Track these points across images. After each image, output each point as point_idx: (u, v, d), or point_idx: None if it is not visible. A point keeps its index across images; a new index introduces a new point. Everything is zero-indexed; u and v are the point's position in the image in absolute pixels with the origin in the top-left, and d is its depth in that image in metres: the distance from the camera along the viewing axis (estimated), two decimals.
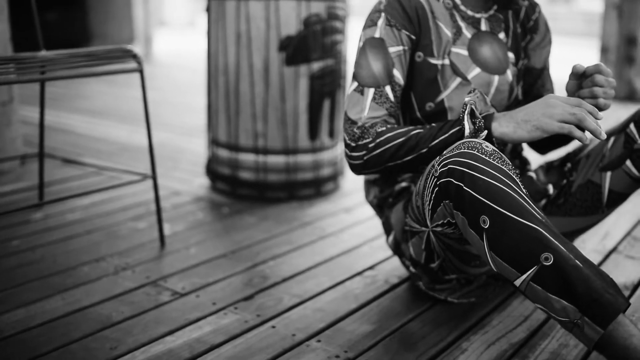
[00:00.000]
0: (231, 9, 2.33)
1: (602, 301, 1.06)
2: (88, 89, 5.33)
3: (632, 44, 5.22)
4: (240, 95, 2.36)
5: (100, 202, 2.36)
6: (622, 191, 1.53)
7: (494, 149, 1.21)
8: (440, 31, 1.50)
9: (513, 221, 1.11)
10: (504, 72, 1.55)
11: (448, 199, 1.20)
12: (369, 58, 1.45)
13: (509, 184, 1.15)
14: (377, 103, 1.43)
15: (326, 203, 2.42)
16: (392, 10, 1.47)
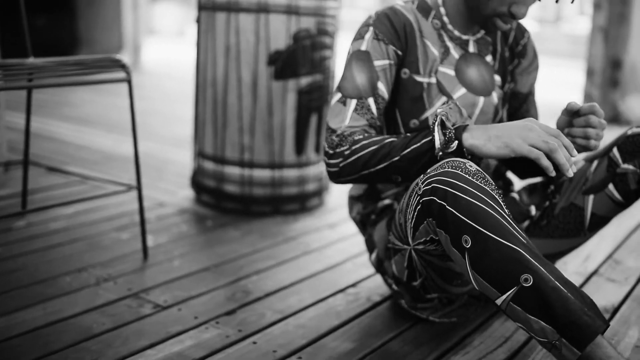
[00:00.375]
0: (221, 21, 2.33)
1: (580, 323, 1.07)
2: (75, 96, 5.31)
3: (617, 67, 5.28)
4: (228, 108, 2.36)
5: (83, 211, 2.34)
6: (605, 215, 1.55)
7: (477, 169, 1.22)
8: (428, 50, 1.51)
9: (494, 242, 1.12)
10: (489, 94, 1.56)
11: (431, 217, 1.21)
12: (353, 70, 1.47)
13: (491, 204, 1.16)
14: (359, 114, 1.44)
15: (311, 218, 2.42)
16: (381, 25, 1.49)
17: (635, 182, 1.48)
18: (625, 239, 2.34)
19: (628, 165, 1.48)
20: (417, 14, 1.53)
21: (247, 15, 2.28)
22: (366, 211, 1.67)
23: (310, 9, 2.31)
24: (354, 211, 1.71)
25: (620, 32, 5.25)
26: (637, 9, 5.23)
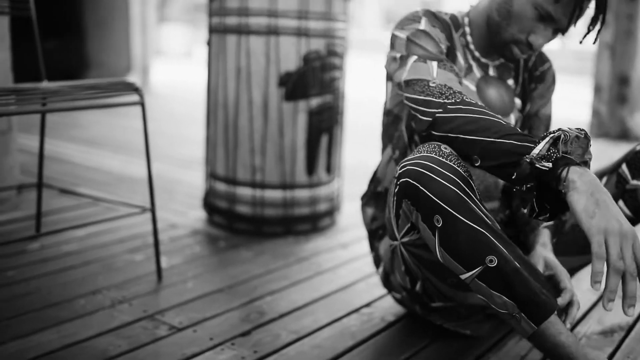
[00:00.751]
0: (232, 43, 2.35)
1: (538, 301, 1.18)
2: (84, 118, 5.35)
3: (624, 84, 5.29)
4: (239, 129, 2.38)
5: (96, 233, 2.35)
6: None
7: (451, 151, 1.27)
8: (456, 60, 1.54)
9: (463, 224, 1.19)
10: (508, 115, 1.58)
11: (406, 198, 1.25)
12: (421, 42, 1.44)
13: (463, 187, 1.21)
14: (444, 69, 1.39)
15: (323, 238, 2.43)
16: (432, 18, 1.50)
17: None
18: None
19: (637, 181, 1.48)
20: (451, 25, 1.55)
21: (258, 38, 2.30)
22: (375, 225, 1.68)
23: (319, 31, 2.33)
24: (365, 216, 1.72)
25: (627, 49, 5.26)
26: None
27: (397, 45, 1.49)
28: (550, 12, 1.41)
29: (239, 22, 2.32)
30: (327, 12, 2.33)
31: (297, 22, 2.29)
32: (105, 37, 7.89)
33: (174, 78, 9.85)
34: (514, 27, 1.45)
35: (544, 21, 1.43)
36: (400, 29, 1.49)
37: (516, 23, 1.45)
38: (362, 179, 3.45)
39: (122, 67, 7.79)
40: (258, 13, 2.29)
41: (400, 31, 1.49)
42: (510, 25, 1.45)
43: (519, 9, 1.43)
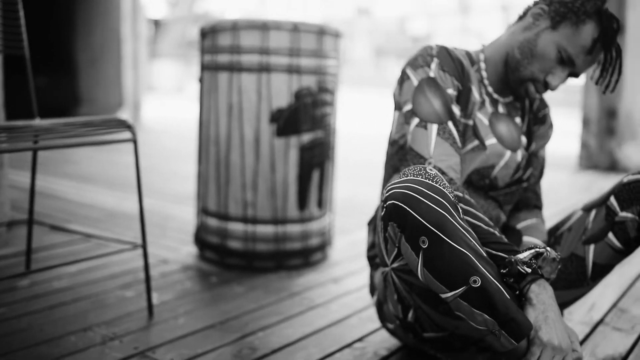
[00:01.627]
0: (224, 80, 2.38)
1: (518, 320, 1.22)
2: (78, 154, 5.36)
3: (612, 117, 5.36)
4: (231, 165, 2.40)
5: (87, 269, 2.35)
6: (606, 263, 1.56)
7: (436, 173, 1.29)
8: (472, 93, 1.57)
9: (449, 246, 1.21)
10: (516, 151, 1.62)
11: (392, 221, 1.26)
12: (427, 95, 1.50)
13: (449, 209, 1.23)
14: (442, 138, 1.46)
15: (314, 273, 2.43)
16: (444, 58, 1.54)
17: (634, 229, 1.50)
18: (629, 287, 2.34)
19: (626, 213, 1.50)
20: (466, 59, 1.60)
21: (249, 75, 2.33)
22: (372, 252, 1.70)
23: (311, 68, 2.36)
24: (368, 239, 1.74)
25: None
26: (629, 59, 5.33)
27: (406, 87, 1.54)
28: (571, 56, 1.50)
29: (230, 60, 2.35)
30: (318, 49, 2.37)
31: (288, 60, 2.33)
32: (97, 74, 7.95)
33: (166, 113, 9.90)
34: (534, 65, 1.53)
35: (564, 64, 1.52)
36: (412, 69, 1.54)
37: (538, 62, 1.52)
38: (354, 212, 3.46)
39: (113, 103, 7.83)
40: (250, 50, 2.32)
41: (412, 72, 1.54)
42: (532, 64, 1.53)
43: (542, 49, 1.51)
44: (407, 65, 1.57)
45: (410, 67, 1.55)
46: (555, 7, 1.52)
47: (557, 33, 1.50)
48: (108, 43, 7.81)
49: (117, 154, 5.35)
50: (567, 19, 1.50)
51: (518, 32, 1.58)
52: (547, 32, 1.52)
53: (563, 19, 1.50)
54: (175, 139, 6.82)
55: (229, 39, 2.34)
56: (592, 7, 1.49)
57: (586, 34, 1.48)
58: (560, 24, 1.50)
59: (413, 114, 1.50)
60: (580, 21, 1.48)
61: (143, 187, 3.79)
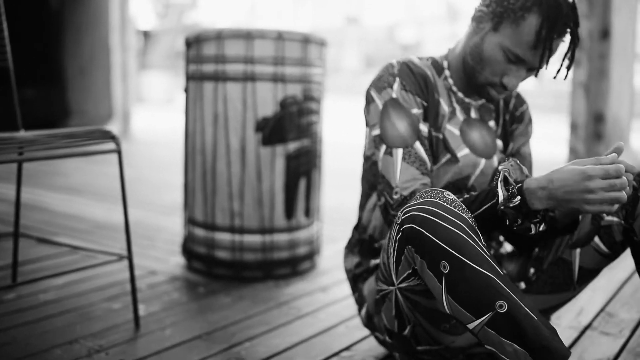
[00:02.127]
0: (209, 90, 2.38)
1: (551, 347, 1.14)
2: (65, 166, 5.34)
3: (599, 121, 5.38)
4: (217, 175, 2.39)
5: (74, 282, 2.33)
6: (593, 267, 1.56)
7: (454, 198, 1.27)
8: (440, 106, 1.56)
9: (471, 269, 1.17)
10: (491, 157, 1.61)
11: (410, 244, 1.24)
12: (392, 118, 1.48)
13: (468, 232, 1.20)
14: (407, 162, 1.46)
15: (302, 282, 2.42)
16: (406, 76, 1.52)
17: (620, 233, 1.50)
18: (617, 291, 2.34)
19: (612, 218, 1.50)
20: (432, 70, 1.58)
21: (235, 84, 2.33)
22: (359, 270, 1.68)
23: (296, 77, 2.36)
24: (348, 262, 1.72)
25: (601, 87, 5.36)
26: (615, 64, 5.36)
27: (373, 110, 1.53)
28: (518, 55, 1.46)
29: (215, 69, 2.35)
30: (303, 57, 2.37)
31: (273, 68, 2.33)
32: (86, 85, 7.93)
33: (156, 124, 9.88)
34: (487, 70, 1.50)
35: (515, 63, 1.48)
36: (376, 91, 1.53)
37: (489, 66, 1.49)
38: (341, 220, 3.46)
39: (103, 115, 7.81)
40: (235, 60, 2.32)
41: (376, 94, 1.53)
42: (484, 69, 1.50)
43: (488, 54, 1.48)
44: (371, 86, 1.55)
45: (374, 89, 1.54)
46: (493, 7, 1.47)
47: (499, 34, 1.46)
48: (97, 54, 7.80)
49: (106, 165, 5.34)
50: (506, 18, 1.44)
51: (469, 37, 1.55)
52: (490, 34, 1.48)
53: (502, 19, 1.45)
54: (164, 149, 6.81)
55: (213, 48, 2.34)
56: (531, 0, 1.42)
57: (528, 28, 1.42)
58: (501, 25, 1.46)
59: (381, 140, 1.50)
60: (519, 18, 1.43)
61: (132, 198, 3.79)
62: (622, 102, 5.55)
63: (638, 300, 2.25)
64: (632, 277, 2.49)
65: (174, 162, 5.67)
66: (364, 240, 1.68)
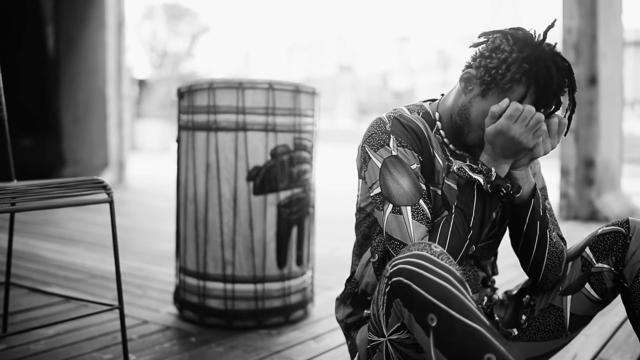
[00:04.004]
0: (201, 140, 2.41)
1: None
2: (58, 215, 5.33)
3: (590, 166, 5.43)
4: (209, 224, 2.40)
5: (65, 332, 2.32)
6: (584, 314, 1.56)
7: (442, 250, 1.28)
8: (436, 160, 1.52)
9: (459, 322, 1.17)
10: None
11: (398, 297, 1.24)
12: (394, 176, 1.46)
13: (456, 284, 1.21)
14: (417, 220, 1.43)
15: (295, 331, 2.41)
16: (399, 132, 1.48)
17: (611, 280, 1.51)
18: (610, 337, 2.34)
19: (602, 264, 1.51)
20: (424, 124, 1.54)
21: (226, 134, 2.36)
22: (351, 319, 1.67)
23: (287, 126, 2.39)
24: (340, 312, 1.71)
25: (590, 133, 5.42)
26: (603, 110, 5.44)
27: (370, 168, 1.50)
28: None
29: (207, 119, 2.38)
30: (294, 107, 2.41)
31: (264, 118, 2.36)
32: (82, 134, 7.98)
33: (151, 173, 9.92)
34: (475, 133, 1.48)
35: None
36: (372, 149, 1.50)
37: (475, 131, 1.47)
38: (334, 268, 3.46)
39: (98, 164, 7.84)
40: (226, 110, 2.36)
41: (372, 152, 1.50)
42: (472, 132, 1.48)
43: (476, 119, 1.46)
44: (365, 144, 1.52)
45: (370, 147, 1.51)
46: (481, 74, 1.44)
47: (486, 102, 1.44)
48: (93, 103, 7.87)
49: (99, 214, 5.34)
50: (494, 87, 1.42)
51: (457, 96, 1.52)
52: (478, 99, 1.45)
53: (490, 87, 1.43)
54: (158, 198, 6.81)
55: (205, 98, 2.38)
56: (521, 71, 1.39)
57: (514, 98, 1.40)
58: (488, 92, 1.43)
59: (385, 199, 1.46)
60: (508, 89, 1.41)
61: (124, 247, 3.79)
62: (612, 147, 5.62)
63: (631, 345, 2.24)
64: (625, 323, 2.49)
65: (168, 210, 5.67)
66: (356, 294, 1.67)
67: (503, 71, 1.40)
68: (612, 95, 5.60)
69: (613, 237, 1.52)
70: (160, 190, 7.54)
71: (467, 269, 1.60)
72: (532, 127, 1.38)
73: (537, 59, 1.39)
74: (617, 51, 5.69)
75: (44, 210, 5.45)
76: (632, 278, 1.48)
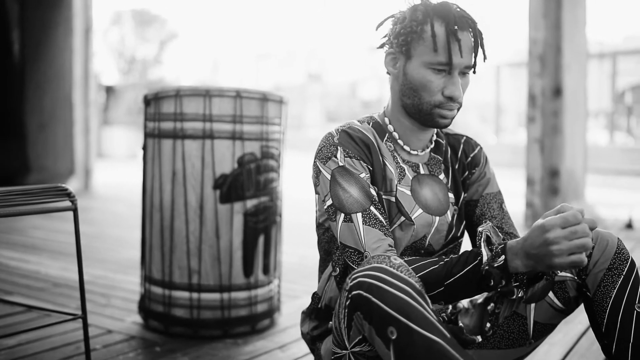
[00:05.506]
0: (167, 147, 2.39)
1: None
2: (22, 223, 5.25)
3: (555, 176, 5.51)
4: (175, 232, 2.38)
5: (27, 342, 2.28)
6: (547, 322, 1.58)
7: (402, 262, 1.28)
8: (387, 168, 1.54)
9: (419, 334, 1.18)
10: (444, 213, 1.61)
11: (358, 310, 1.25)
12: (343, 185, 1.47)
13: (415, 296, 1.21)
14: (369, 225, 1.44)
15: (261, 340, 2.40)
16: (347, 144, 1.50)
17: (574, 288, 1.53)
18: (573, 345, 2.37)
19: (566, 273, 1.53)
20: (375, 134, 1.57)
21: (193, 142, 2.35)
22: (317, 332, 1.67)
23: (254, 134, 2.39)
24: (305, 326, 1.71)
25: (555, 143, 5.51)
26: (568, 121, 5.53)
27: (322, 181, 1.52)
28: (440, 61, 1.47)
29: (174, 127, 2.37)
30: (261, 115, 2.40)
31: (231, 126, 2.35)
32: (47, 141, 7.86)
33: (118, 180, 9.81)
34: (425, 96, 1.50)
35: (444, 72, 1.49)
36: (322, 163, 1.52)
37: (424, 91, 1.50)
38: (301, 277, 3.45)
39: (64, 171, 7.73)
40: (193, 118, 2.34)
41: (322, 165, 1.52)
42: (422, 97, 1.50)
43: (417, 80, 1.50)
44: (316, 158, 1.55)
45: (319, 161, 1.53)
46: (397, 42, 1.52)
47: (415, 58, 1.50)
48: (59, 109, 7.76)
49: (63, 221, 5.26)
50: (410, 41, 1.50)
51: (394, 84, 1.58)
52: (408, 64, 1.51)
53: (408, 44, 1.50)
54: (124, 205, 6.74)
55: (172, 106, 2.36)
56: (419, 13, 1.49)
57: (432, 34, 1.47)
58: (411, 49, 1.50)
59: (337, 210, 1.48)
60: (420, 32, 1.48)
61: (89, 256, 3.73)
62: (576, 157, 5.71)
63: (595, 353, 2.27)
64: (588, 331, 2.52)
65: (135, 218, 5.61)
66: (320, 309, 1.67)
67: (407, 23, 1.49)
68: (577, 106, 5.69)
69: None
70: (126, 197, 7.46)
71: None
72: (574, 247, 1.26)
73: (427, 2, 1.51)
74: (581, 63, 5.80)
75: (5, 219, 5.35)
76: (594, 287, 1.50)
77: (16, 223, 5.21)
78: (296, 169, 8.97)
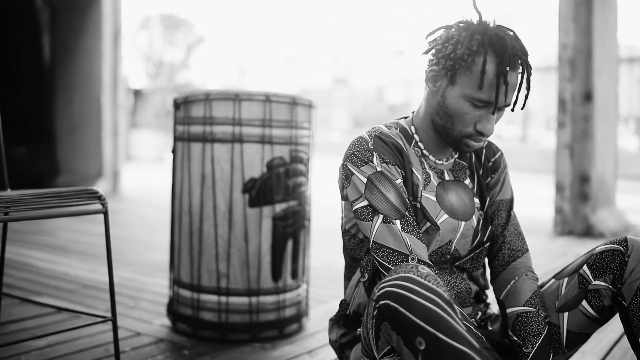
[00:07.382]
0: (197, 151, 2.39)
1: None
2: (51, 224, 5.30)
3: (585, 182, 5.43)
4: (204, 236, 2.38)
5: (57, 343, 2.29)
6: (581, 331, 1.55)
7: (429, 272, 1.27)
8: (414, 174, 1.55)
9: (447, 344, 1.16)
10: (470, 218, 1.60)
11: (386, 321, 1.24)
12: (381, 190, 1.48)
13: (443, 306, 1.20)
14: (407, 232, 1.44)
15: (289, 345, 2.39)
16: (382, 149, 1.51)
17: (609, 297, 1.51)
18: (606, 354, 2.33)
19: (600, 282, 1.51)
20: (403, 139, 1.58)
21: (222, 145, 2.35)
22: (345, 339, 1.66)
23: (283, 138, 2.38)
24: (333, 333, 1.70)
25: (585, 148, 5.43)
26: (598, 126, 5.45)
27: (354, 184, 1.51)
28: (482, 98, 1.46)
29: (203, 130, 2.37)
30: (290, 119, 2.40)
31: (261, 130, 2.35)
32: (76, 144, 7.95)
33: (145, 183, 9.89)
34: (458, 124, 1.50)
35: (482, 108, 1.48)
36: (355, 166, 1.52)
37: (458, 120, 1.50)
38: (329, 281, 3.44)
39: (93, 173, 7.80)
40: (223, 122, 2.35)
41: (356, 169, 1.51)
42: (455, 124, 1.51)
43: (454, 108, 1.49)
44: (348, 162, 1.54)
45: (352, 165, 1.53)
46: (443, 63, 1.49)
47: (457, 86, 1.48)
48: (88, 113, 7.84)
49: (92, 224, 5.31)
50: (458, 68, 1.47)
51: (429, 99, 1.57)
52: (450, 89, 1.50)
53: (455, 71, 1.48)
54: (153, 208, 6.79)
55: (202, 110, 2.37)
56: (474, 43, 1.45)
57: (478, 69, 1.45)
58: (456, 76, 1.48)
59: (374, 211, 1.47)
60: (470, 64, 1.45)
61: (118, 258, 3.76)
62: (607, 162, 5.63)
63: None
64: (621, 340, 2.48)
65: (162, 221, 5.64)
66: (349, 316, 1.66)
67: (460, 51, 1.46)
68: (607, 111, 5.62)
69: (611, 255, 1.52)
70: (154, 200, 7.51)
71: (459, 283, 1.60)
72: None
73: (485, 30, 1.46)
74: (613, 67, 5.72)
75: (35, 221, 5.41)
76: (630, 296, 1.47)
77: (45, 225, 5.26)
78: (322, 173, 8.97)
